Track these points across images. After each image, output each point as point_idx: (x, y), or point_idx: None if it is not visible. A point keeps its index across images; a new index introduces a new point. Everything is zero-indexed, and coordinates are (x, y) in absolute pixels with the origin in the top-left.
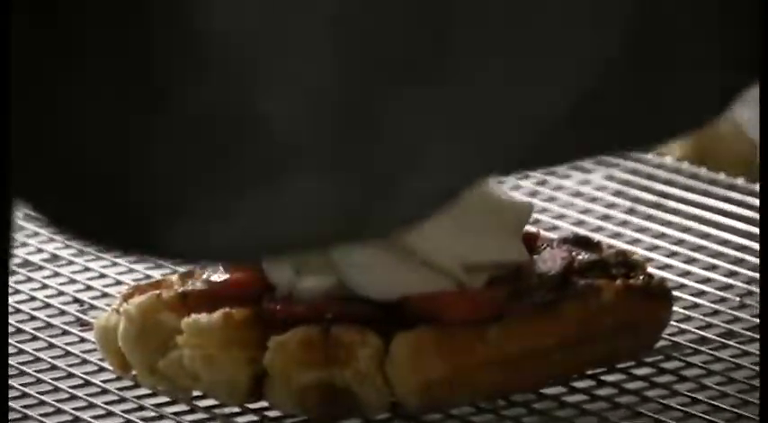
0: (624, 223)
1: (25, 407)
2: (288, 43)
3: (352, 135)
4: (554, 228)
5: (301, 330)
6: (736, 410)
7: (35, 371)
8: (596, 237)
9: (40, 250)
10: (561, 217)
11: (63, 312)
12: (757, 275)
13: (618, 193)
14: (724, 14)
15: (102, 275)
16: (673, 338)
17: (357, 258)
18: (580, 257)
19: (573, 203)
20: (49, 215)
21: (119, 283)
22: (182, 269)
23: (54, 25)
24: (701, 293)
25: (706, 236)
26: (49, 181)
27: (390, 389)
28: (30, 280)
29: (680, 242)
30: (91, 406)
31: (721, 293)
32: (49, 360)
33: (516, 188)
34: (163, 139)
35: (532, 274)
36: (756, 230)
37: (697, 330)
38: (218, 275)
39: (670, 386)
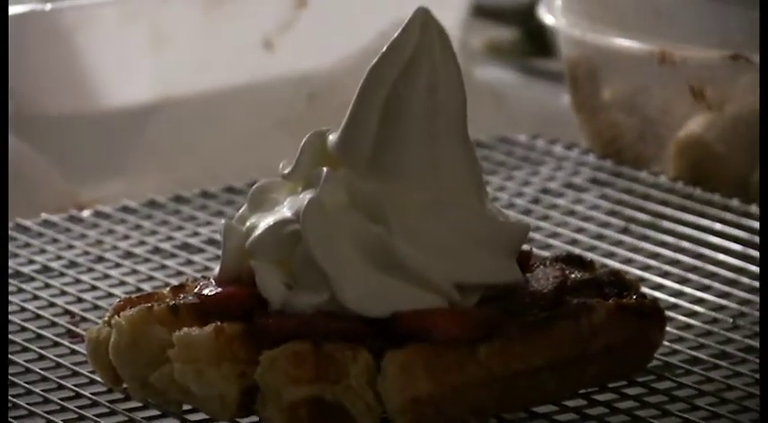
0: (618, 243)
1: (16, 418)
2: None
3: None
4: (548, 246)
5: (293, 346)
6: None
7: (26, 382)
8: (589, 256)
9: (31, 261)
10: (555, 235)
11: (54, 324)
12: (751, 296)
13: (612, 213)
14: None
15: (94, 287)
16: (665, 358)
17: (349, 275)
18: (573, 276)
19: (567, 222)
20: None
21: (110, 295)
22: (174, 282)
23: None
24: (693, 314)
25: (700, 256)
26: None
27: (381, 406)
28: (20, 291)
29: (674, 262)
30: (81, 418)
31: (714, 314)
32: (40, 371)
33: (510, 206)
34: None
35: (525, 292)
36: (751, 252)
37: (689, 351)
38: (210, 289)
39: (662, 406)
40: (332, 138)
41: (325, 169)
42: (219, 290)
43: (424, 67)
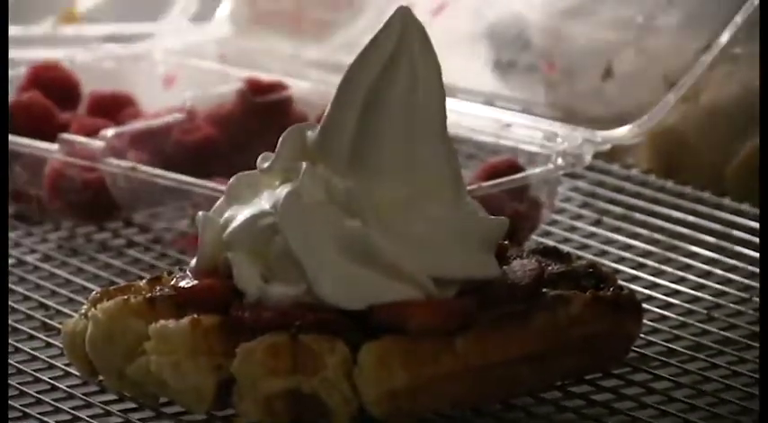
0: (591, 235)
1: None
2: None
3: None
4: None
5: (269, 338)
6: None
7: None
8: (565, 248)
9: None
10: None
11: (29, 317)
12: (725, 288)
13: (585, 205)
14: None
15: (68, 281)
16: (641, 351)
17: (326, 267)
18: (550, 268)
19: None
20: None
21: (85, 289)
22: (149, 276)
23: None
24: (668, 306)
25: (674, 248)
26: None
27: (358, 397)
28: None
29: (647, 254)
30: (57, 411)
31: (689, 306)
32: (15, 364)
33: None
34: None
35: (501, 285)
36: (724, 244)
37: (665, 343)
38: (187, 281)
39: (638, 398)
40: (311, 133)
41: (303, 164)
42: (196, 282)
43: (404, 65)
